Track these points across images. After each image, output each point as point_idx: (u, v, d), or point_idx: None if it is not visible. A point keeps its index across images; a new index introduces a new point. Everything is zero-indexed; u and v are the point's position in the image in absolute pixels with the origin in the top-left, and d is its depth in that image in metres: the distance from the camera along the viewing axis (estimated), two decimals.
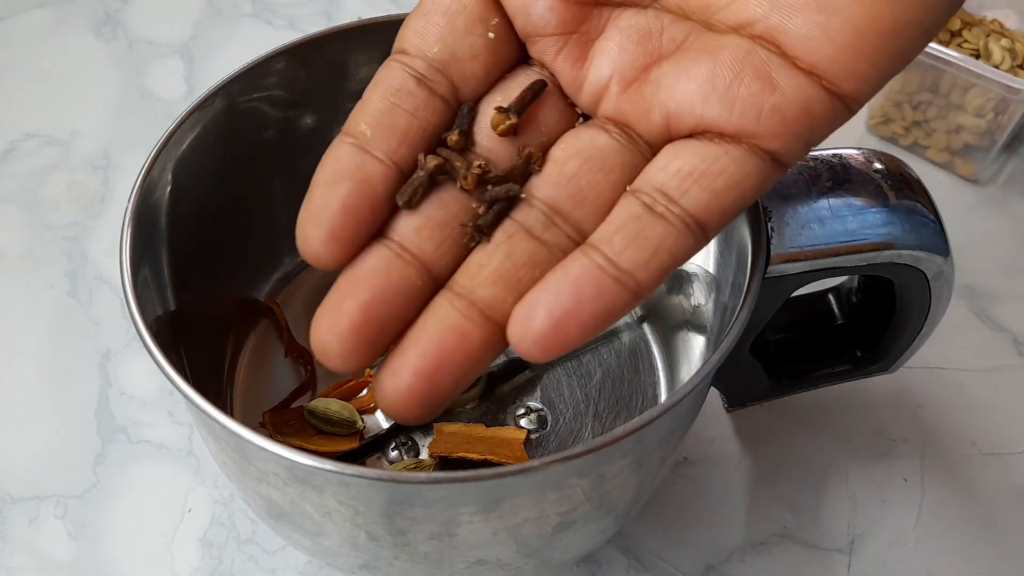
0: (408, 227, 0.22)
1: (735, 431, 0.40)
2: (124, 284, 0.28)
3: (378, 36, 0.35)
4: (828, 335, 0.38)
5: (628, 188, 0.23)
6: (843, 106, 0.22)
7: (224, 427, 0.25)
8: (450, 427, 0.35)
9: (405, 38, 0.24)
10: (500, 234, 0.23)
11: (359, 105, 0.23)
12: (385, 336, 0.22)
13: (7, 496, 0.39)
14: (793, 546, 0.37)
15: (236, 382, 0.37)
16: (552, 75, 0.24)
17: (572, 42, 0.24)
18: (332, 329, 0.21)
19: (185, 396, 0.25)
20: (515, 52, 0.24)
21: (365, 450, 0.35)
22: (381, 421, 0.35)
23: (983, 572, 0.37)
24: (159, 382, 0.42)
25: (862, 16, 0.21)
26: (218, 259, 0.36)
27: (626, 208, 0.22)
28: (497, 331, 0.22)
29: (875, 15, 0.21)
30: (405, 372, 0.21)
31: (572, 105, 0.24)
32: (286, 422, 0.35)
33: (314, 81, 0.35)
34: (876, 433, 0.41)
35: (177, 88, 0.54)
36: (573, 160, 0.23)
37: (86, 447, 0.40)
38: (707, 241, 0.23)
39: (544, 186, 0.23)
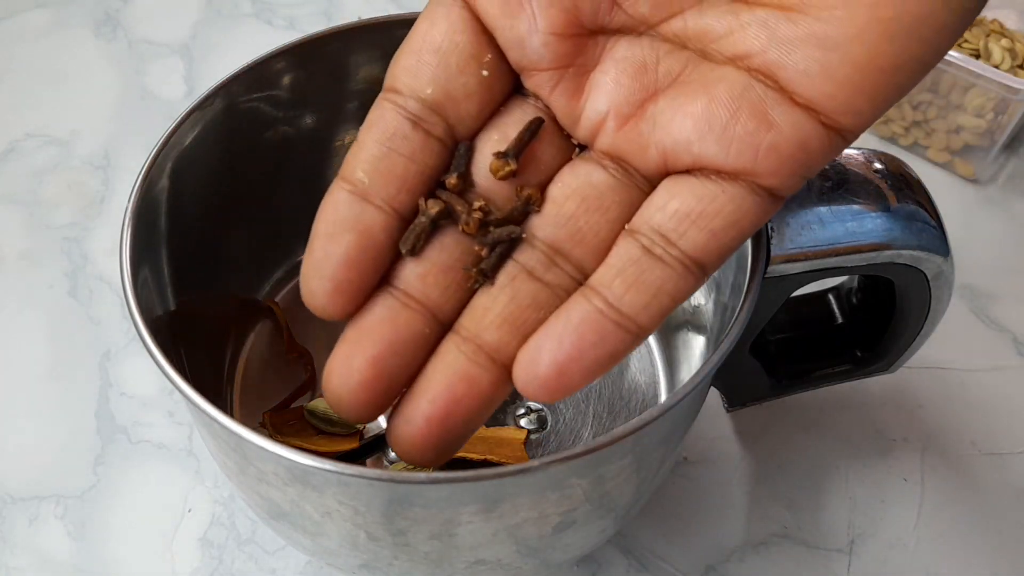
0: (412, 274, 0.23)
1: (735, 431, 0.40)
2: (124, 284, 0.28)
3: (378, 36, 0.35)
4: (828, 335, 0.38)
5: (627, 227, 0.23)
6: (840, 139, 0.22)
7: (224, 427, 0.25)
8: None
9: (396, 77, 0.24)
10: (503, 276, 0.23)
11: (354, 149, 0.23)
12: (396, 386, 0.22)
13: (7, 496, 0.39)
14: (793, 546, 0.37)
15: (236, 382, 0.37)
16: (547, 107, 0.24)
17: (568, 76, 0.24)
18: (344, 385, 0.22)
19: (185, 396, 0.25)
20: (509, 86, 0.24)
21: (365, 450, 0.35)
22: (381, 421, 0.35)
23: (983, 572, 0.37)
24: (159, 382, 0.42)
25: (862, 53, 0.21)
26: (218, 259, 0.36)
27: (625, 250, 0.22)
28: (504, 373, 0.22)
29: (875, 52, 0.21)
30: (418, 419, 0.22)
31: (568, 136, 0.24)
32: (286, 422, 0.35)
33: (314, 81, 0.35)
34: (876, 433, 0.41)
35: (177, 88, 0.54)
36: (571, 200, 0.23)
37: (86, 447, 0.40)
38: (706, 279, 0.23)
39: (544, 226, 0.23)
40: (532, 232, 0.23)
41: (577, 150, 0.24)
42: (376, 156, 0.23)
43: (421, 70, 0.23)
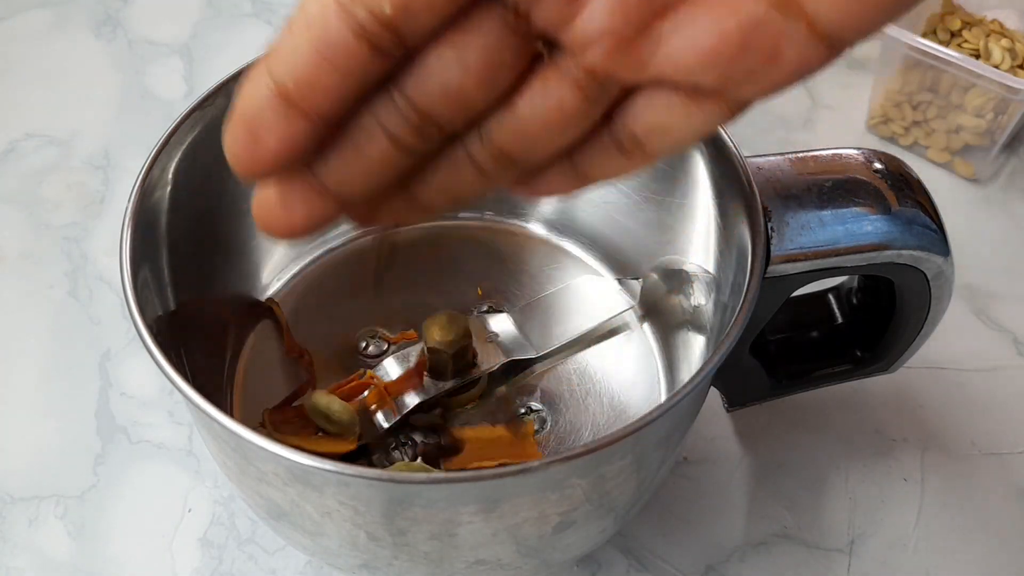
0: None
1: (735, 431, 0.40)
2: (124, 284, 0.28)
3: None
4: (828, 335, 0.38)
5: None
6: (834, 55, 0.20)
7: (224, 427, 0.25)
8: (459, 432, 0.35)
9: None
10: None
11: (286, 38, 0.21)
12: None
13: (7, 496, 0.39)
14: (793, 546, 0.37)
15: (236, 382, 0.37)
16: (520, 14, 0.21)
17: None
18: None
19: (185, 396, 0.25)
20: None
21: (365, 450, 0.35)
22: (382, 421, 0.35)
23: (983, 572, 0.37)
24: (159, 382, 0.42)
25: None
26: (218, 259, 0.36)
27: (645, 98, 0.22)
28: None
29: None
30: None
31: (531, 36, 0.21)
32: (286, 420, 0.35)
33: None
34: (876, 433, 0.41)
35: (177, 88, 0.54)
36: (534, 123, 0.22)
37: (86, 447, 0.40)
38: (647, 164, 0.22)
39: (501, 132, 0.22)
40: (489, 135, 0.22)
41: (545, 51, 0.21)
42: (308, 63, 0.21)
43: None
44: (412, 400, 0.35)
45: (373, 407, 0.35)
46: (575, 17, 0.20)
